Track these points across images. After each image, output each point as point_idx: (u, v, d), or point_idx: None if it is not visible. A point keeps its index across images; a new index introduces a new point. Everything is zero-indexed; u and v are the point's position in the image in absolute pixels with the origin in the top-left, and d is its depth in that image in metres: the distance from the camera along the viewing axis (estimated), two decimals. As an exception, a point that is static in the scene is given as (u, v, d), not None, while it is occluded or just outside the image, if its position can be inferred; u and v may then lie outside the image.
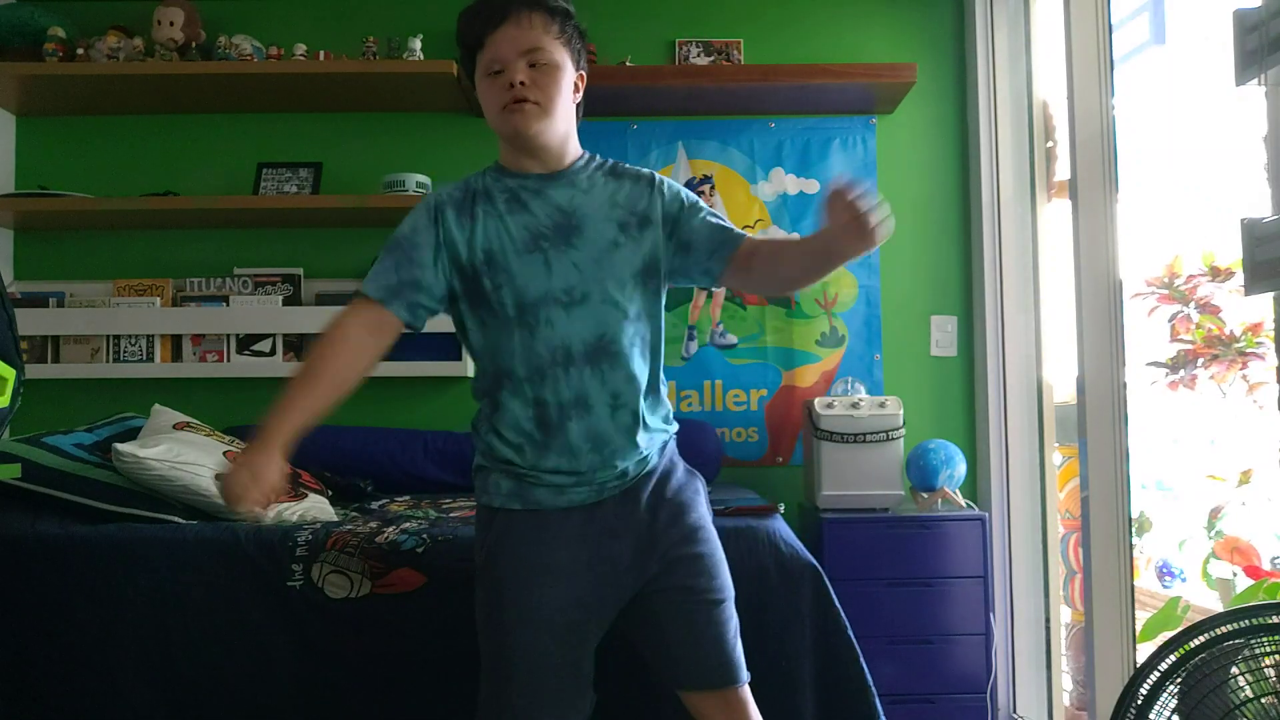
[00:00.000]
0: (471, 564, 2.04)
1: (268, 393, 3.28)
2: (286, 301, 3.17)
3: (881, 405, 2.84)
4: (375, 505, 2.64)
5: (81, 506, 2.21)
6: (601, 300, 1.59)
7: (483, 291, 1.59)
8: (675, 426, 1.75)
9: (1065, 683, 2.93)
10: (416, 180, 3.08)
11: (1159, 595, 3.00)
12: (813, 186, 3.31)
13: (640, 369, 1.62)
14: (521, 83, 1.56)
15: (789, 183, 3.31)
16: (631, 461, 1.63)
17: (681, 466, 1.75)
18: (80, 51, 3.05)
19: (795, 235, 1.61)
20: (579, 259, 1.59)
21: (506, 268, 1.58)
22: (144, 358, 3.13)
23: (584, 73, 1.67)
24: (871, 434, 2.81)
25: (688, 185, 3.30)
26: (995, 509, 3.04)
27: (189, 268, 3.25)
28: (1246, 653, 1.49)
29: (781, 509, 2.24)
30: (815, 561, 2.04)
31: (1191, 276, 3.05)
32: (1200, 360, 2.99)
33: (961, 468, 2.90)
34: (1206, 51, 2.73)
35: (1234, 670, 1.49)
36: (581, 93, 1.67)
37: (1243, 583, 2.73)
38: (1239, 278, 2.91)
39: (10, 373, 1.77)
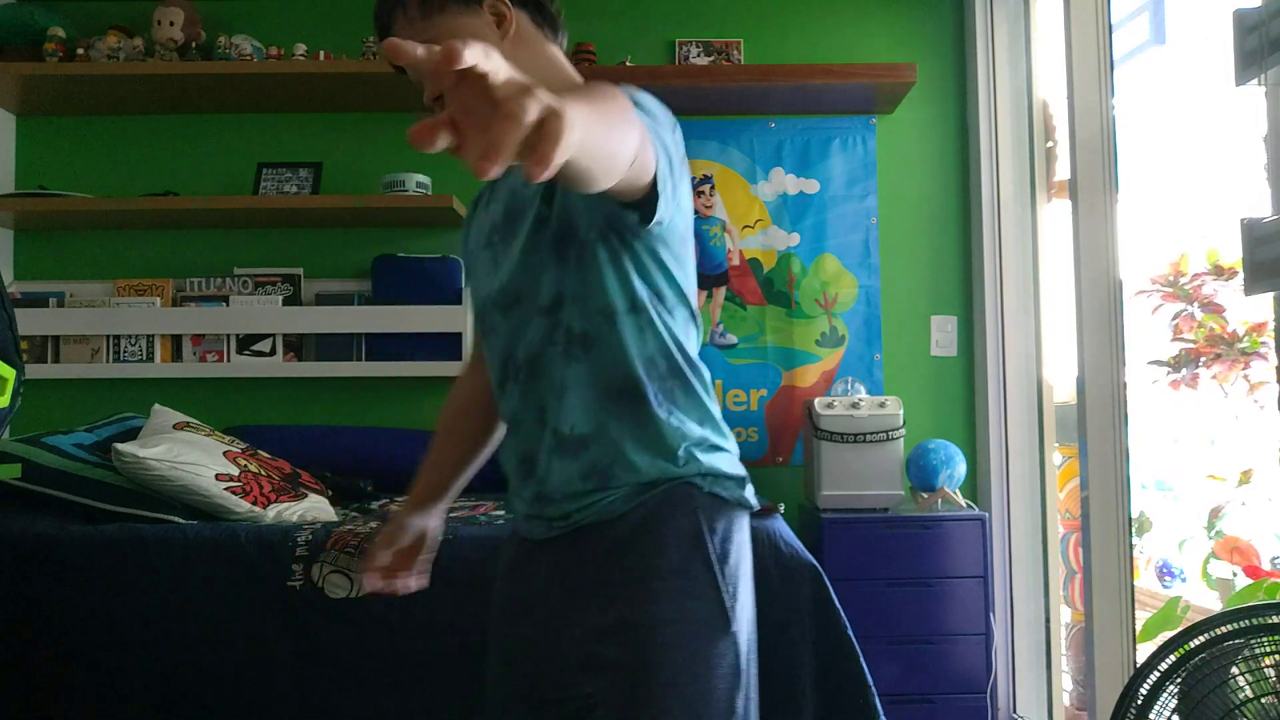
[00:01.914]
0: (472, 564, 2.04)
1: (268, 393, 3.33)
2: (286, 301, 3.17)
3: (881, 405, 2.84)
4: (375, 505, 2.64)
5: (81, 506, 2.21)
6: (533, 296, 1.24)
7: None
8: (695, 469, 1.21)
9: (1065, 683, 2.93)
10: (416, 180, 3.08)
11: (1159, 595, 3.00)
12: (813, 186, 3.31)
13: (570, 374, 1.21)
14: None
15: (789, 182, 3.31)
16: (574, 501, 1.21)
17: (678, 541, 1.18)
18: (80, 51, 3.05)
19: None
20: (516, 249, 1.25)
21: (470, 269, 1.37)
22: (144, 358, 3.13)
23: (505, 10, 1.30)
24: (871, 434, 2.81)
25: (688, 185, 3.30)
26: (995, 509, 3.04)
27: (189, 268, 3.25)
28: (1246, 653, 1.49)
29: (781, 509, 2.24)
30: (815, 561, 2.04)
31: (1197, 275, 3.05)
32: (1202, 359, 2.99)
33: (961, 468, 2.90)
34: (1206, 51, 2.73)
35: (1234, 670, 1.49)
36: (513, 25, 1.30)
37: (1243, 583, 2.73)
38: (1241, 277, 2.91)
39: (10, 373, 1.77)
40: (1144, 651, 2.27)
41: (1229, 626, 1.51)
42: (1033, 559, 3.00)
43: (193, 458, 2.25)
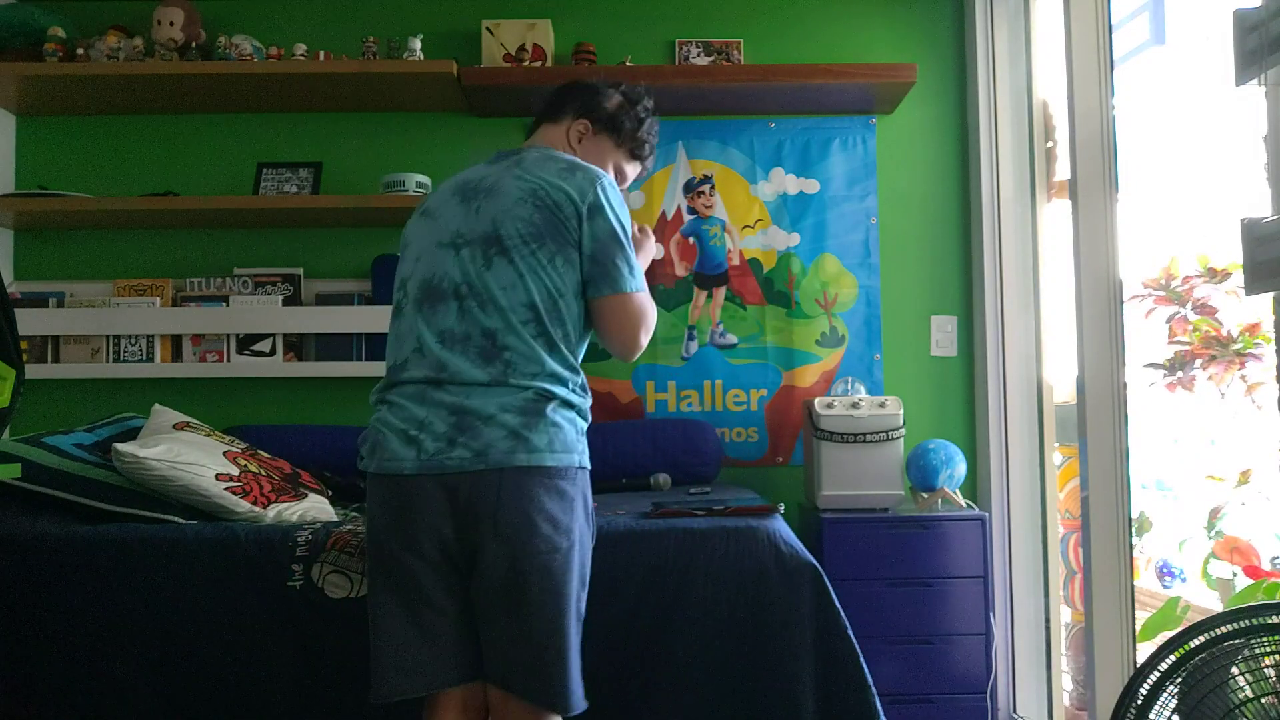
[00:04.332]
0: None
1: (268, 393, 3.34)
2: (286, 301, 3.17)
3: (881, 405, 2.84)
4: (375, 505, 2.64)
5: (81, 506, 2.21)
6: None
7: None
8: None
9: (1065, 683, 2.93)
10: (416, 180, 3.08)
11: (1159, 595, 3.00)
12: (813, 186, 3.31)
13: None
14: None
15: (789, 182, 3.31)
16: None
17: None
18: (80, 51, 3.05)
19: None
20: None
21: None
22: (144, 358, 3.13)
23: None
24: (871, 434, 2.81)
25: (687, 185, 3.31)
26: (995, 509, 3.04)
27: (189, 268, 3.26)
28: (1246, 653, 1.49)
29: (781, 509, 2.24)
30: (815, 561, 2.04)
31: (1188, 278, 3.06)
32: (1198, 361, 2.99)
33: (961, 468, 2.90)
34: (1206, 51, 2.73)
35: (1234, 670, 1.49)
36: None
37: (1243, 583, 2.73)
38: (1235, 279, 2.92)
39: (10, 373, 1.77)
40: (1144, 651, 2.27)
41: (1229, 626, 1.51)
42: (1033, 559, 3.00)
43: (193, 458, 2.25)
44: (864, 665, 1.98)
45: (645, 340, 1.80)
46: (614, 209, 1.76)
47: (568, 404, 1.72)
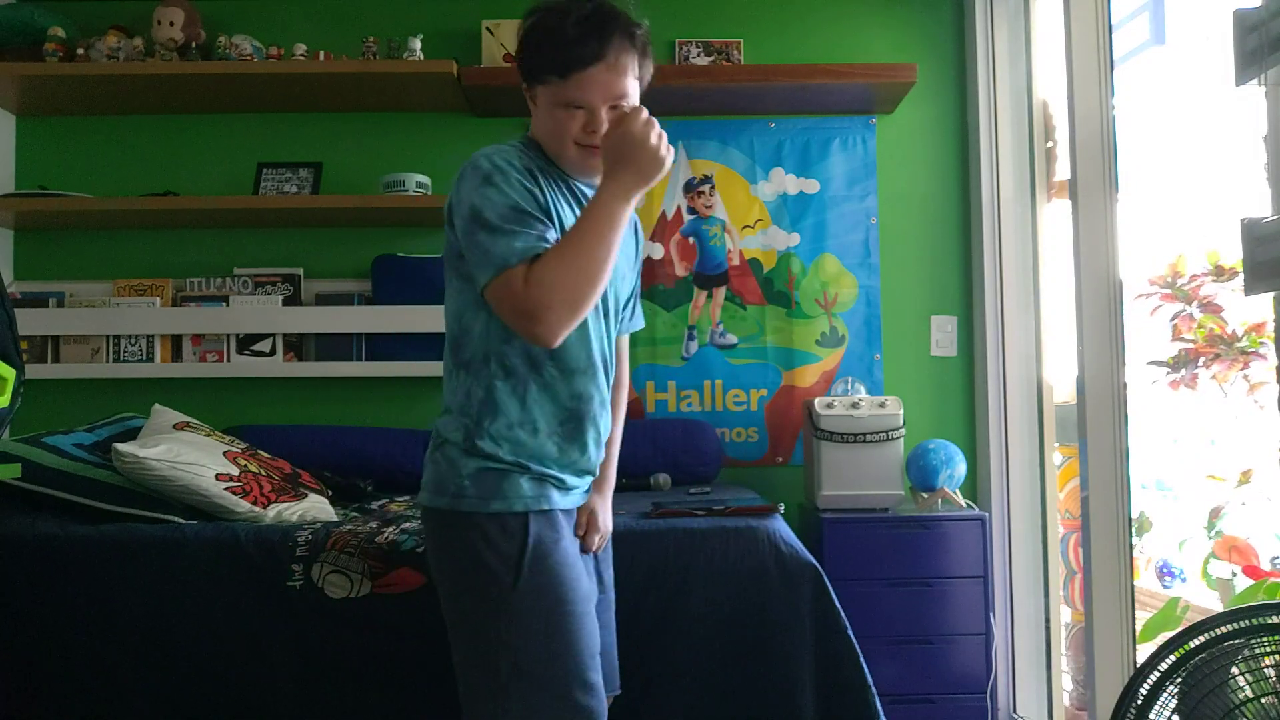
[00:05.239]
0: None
1: (268, 393, 3.34)
2: (286, 301, 3.17)
3: (881, 405, 2.84)
4: (375, 505, 2.64)
5: (81, 506, 2.21)
6: (629, 307, 1.80)
7: None
8: None
9: (1065, 683, 2.93)
10: (416, 180, 3.08)
11: (1159, 595, 3.00)
12: (813, 186, 3.31)
13: None
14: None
15: (789, 182, 3.31)
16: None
17: None
18: (80, 51, 3.05)
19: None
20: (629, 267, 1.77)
21: None
22: (144, 358, 3.13)
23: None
24: (871, 434, 2.81)
25: (687, 185, 3.31)
26: (995, 509, 3.04)
27: (189, 268, 3.26)
28: (1246, 653, 1.49)
29: (781, 509, 2.24)
30: (815, 561, 2.04)
31: (1195, 276, 3.05)
32: (1202, 359, 2.99)
33: (961, 468, 2.90)
34: (1206, 51, 2.73)
35: (1234, 670, 1.49)
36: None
37: (1243, 583, 2.73)
38: (1241, 278, 2.92)
39: (10, 373, 1.77)
40: (1144, 651, 2.27)
41: (1229, 626, 1.51)
42: (1033, 559, 3.00)
43: (193, 458, 2.25)
44: (864, 665, 1.98)
45: (531, 325, 1.40)
46: (469, 193, 1.46)
47: (448, 441, 1.55)
